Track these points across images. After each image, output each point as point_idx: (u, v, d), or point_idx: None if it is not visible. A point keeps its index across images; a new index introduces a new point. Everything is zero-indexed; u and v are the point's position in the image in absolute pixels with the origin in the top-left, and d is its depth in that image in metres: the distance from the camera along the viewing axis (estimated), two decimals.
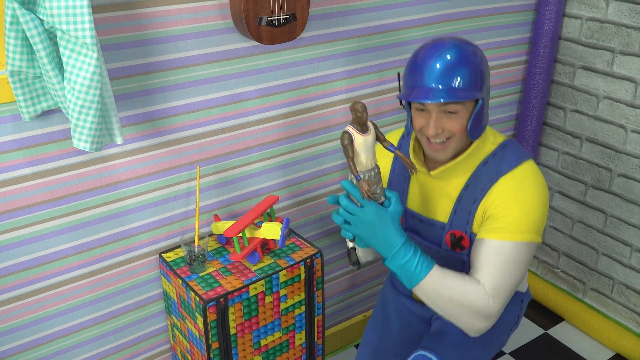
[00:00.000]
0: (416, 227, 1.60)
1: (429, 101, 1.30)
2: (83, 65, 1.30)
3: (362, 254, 1.68)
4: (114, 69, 1.57)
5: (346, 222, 1.37)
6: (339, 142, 2.12)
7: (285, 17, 1.64)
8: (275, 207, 2.06)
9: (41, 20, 1.29)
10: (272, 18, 1.61)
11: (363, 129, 1.31)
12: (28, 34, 1.26)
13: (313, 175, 2.10)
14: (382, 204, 1.36)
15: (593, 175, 2.45)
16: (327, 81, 1.98)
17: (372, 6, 1.98)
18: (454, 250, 1.53)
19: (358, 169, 1.32)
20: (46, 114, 1.51)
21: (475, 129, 1.39)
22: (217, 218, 1.85)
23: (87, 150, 1.39)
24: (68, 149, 1.58)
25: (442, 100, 1.30)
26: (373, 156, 1.33)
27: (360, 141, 1.30)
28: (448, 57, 1.33)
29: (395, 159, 1.63)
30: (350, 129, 1.30)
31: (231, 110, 1.82)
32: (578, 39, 2.35)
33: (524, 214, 1.38)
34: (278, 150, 1.97)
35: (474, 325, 1.38)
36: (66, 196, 1.62)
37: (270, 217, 1.90)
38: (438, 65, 1.33)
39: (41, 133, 1.53)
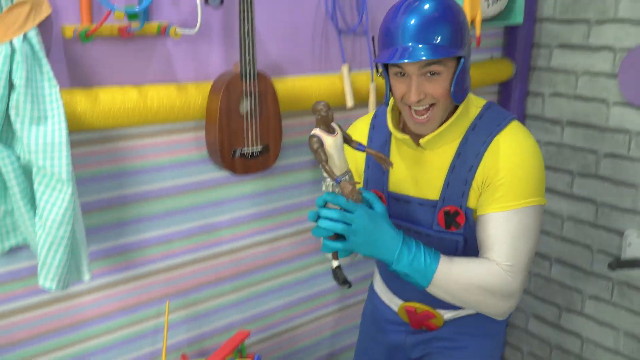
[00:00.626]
0: (402, 211, 1.43)
1: (408, 61, 1.18)
2: (57, 201, 1.27)
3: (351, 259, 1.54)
4: (88, 203, 1.53)
5: (338, 236, 1.23)
6: (315, 269, 2.09)
7: (259, 149, 1.67)
8: (247, 341, 1.96)
9: (18, 156, 1.27)
10: (246, 150, 1.64)
11: (330, 130, 1.19)
12: (3, 170, 1.23)
13: (286, 305, 2.04)
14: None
15: (578, 162, 2.40)
16: (300, 208, 1.99)
17: None
18: (449, 229, 1.37)
19: (335, 173, 1.20)
20: (13, 250, 1.45)
21: (459, 91, 1.27)
22: (184, 358, 1.74)
23: (52, 290, 1.32)
24: (34, 286, 1.49)
25: (423, 58, 1.17)
26: (345, 158, 1.22)
27: (330, 142, 1.18)
28: (425, 12, 1.21)
29: (373, 138, 1.49)
30: (318, 131, 1.19)
31: (204, 241, 1.78)
32: (553, 17, 2.36)
33: (524, 176, 1.28)
34: (250, 280, 1.92)
35: (499, 307, 1.26)
36: (27, 339, 1.51)
37: (241, 354, 1.80)
38: (415, 22, 1.20)
39: (5, 271, 1.45)
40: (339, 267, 1.28)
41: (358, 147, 1.23)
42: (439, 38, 1.20)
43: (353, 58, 2.01)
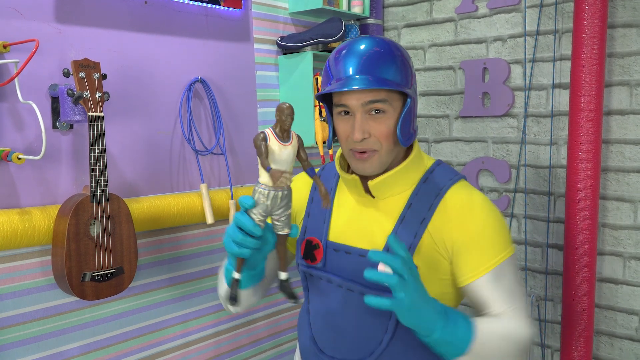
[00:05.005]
0: (340, 263, 1.28)
1: (349, 88, 1.12)
2: None
3: (246, 295, 1.30)
4: None
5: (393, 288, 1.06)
6: None
7: (112, 271, 1.64)
8: None
9: None
10: (96, 274, 1.60)
11: (284, 137, 1.07)
12: None
13: None
14: (287, 235, 1.13)
15: (433, 129, 2.54)
16: (160, 328, 1.93)
17: (203, 250, 2.06)
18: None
19: (262, 179, 1.07)
20: None
21: (405, 133, 1.20)
22: None
23: None
24: None
25: (365, 87, 1.12)
26: (289, 174, 1.08)
27: (275, 148, 1.06)
28: (371, 47, 1.18)
29: (311, 201, 1.38)
30: (269, 130, 1.07)
31: None
32: (398, 1, 2.60)
33: (494, 232, 1.23)
34: None
35: (523, 353, 1.22)
36: None
37: None
38: (360, 55, 1.17)
39: None
40: (287, 279, 1.16)
41: (308, 170, 1.12)
42: (385, 72, 1.16)
43: (212, 176, 2.07)
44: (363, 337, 1.25)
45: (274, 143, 1.06)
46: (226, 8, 2.07)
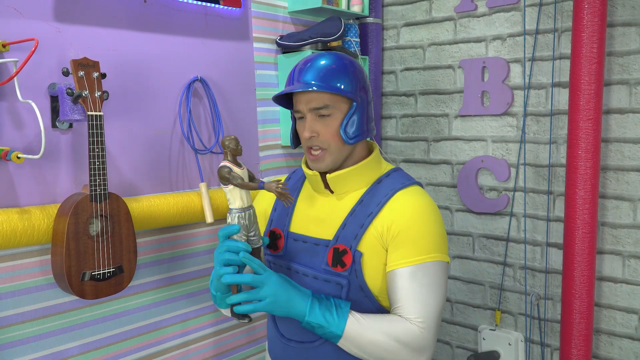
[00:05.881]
0: (297, 251, 1.47)
1: (296, 89, 1.32)
2: None
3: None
4: None
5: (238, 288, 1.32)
6: None
7: (111, 270, 1.64)
8: None
9: None
10: (96, 273, 1.60)
11: (237, 163, 1.28)
12: None
13: None
14: (259, 248, 1.35)
15: (432, 128, 2.54)
16: (159, 327, 1.93)
17: (203, 250, 2.06)
18: (335, 267, 1.40)
19: (236, 205, 1.28)
20: None
21: (349, 132, 1.38)
22: None
23: None
24: None
25: (311, 88, 1.32)
26: (248, 194, 1.29)
27: (239, 172, 1.27)
28: (325, 59, 1.38)
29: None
30: (227, 162, 1.27)
31: None
32: (397, 0, 2.60)
33: (424, 233, 1.35)
34: None
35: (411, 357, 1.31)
36: None
37: None
38: (312, 64, 1.37)
39: None
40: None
41: (259, 185, 1.28)
42: (332, 77, 1.35)
43: (211, 175, 2.07)
44: None
45: (236, 171, 1.27)
46: (225, 7, 2.07)
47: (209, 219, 1.94)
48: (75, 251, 1.56)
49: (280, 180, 1.28)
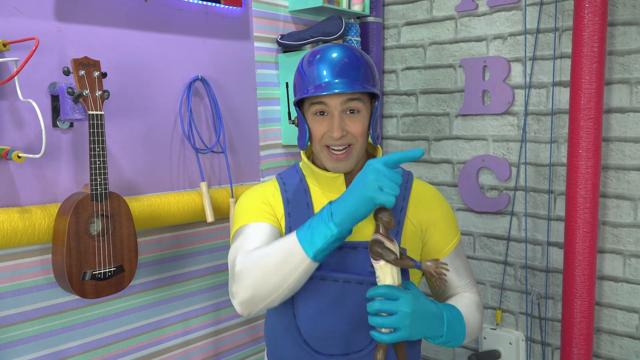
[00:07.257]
0: (332, 259, 1.32)
1: (332, 92, 1.22)
2: None
3: None
4: None
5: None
6: None
7: (112, 269, 1.64)
8: None
9: None
10: (97, 272, 1.60)
11: (390, 238, 1.16)
12: None
13: None
14: None
15: (433, 127, 2.54)
16: (160, 327, 1.93)
17: (204, 249, 2.06)
18: None
19: (387, 282, 1.15)
20: None
21: (376, 131, 1.33)
22: None
23: None
24: None
25: (348, 90, 1.23)
26: (399, 271, 1.18)
27: (392, 249, 1.14)
28: (344, 53, 1.29)
29: (287, 202, 1.38)
30: (379, 236, 1.15)
31: None
32: (398, 0, 2.59)
33: (451, 214, 1.43)
34: None
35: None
36: None
37: None
38: (336, 60, 1.28)
39: None
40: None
41: (416, 264, 1.15)
42: (358, 74, 1.27)
43: (212, 174, 2.07)
44: (363, 327, 1.28)
45: (389, 246, 1.14)
46: (226, 6, 2.07)
47: (210, 218, 1.94)
48: (76, 250, 1.56)
49: (439, 260, 1.15)
